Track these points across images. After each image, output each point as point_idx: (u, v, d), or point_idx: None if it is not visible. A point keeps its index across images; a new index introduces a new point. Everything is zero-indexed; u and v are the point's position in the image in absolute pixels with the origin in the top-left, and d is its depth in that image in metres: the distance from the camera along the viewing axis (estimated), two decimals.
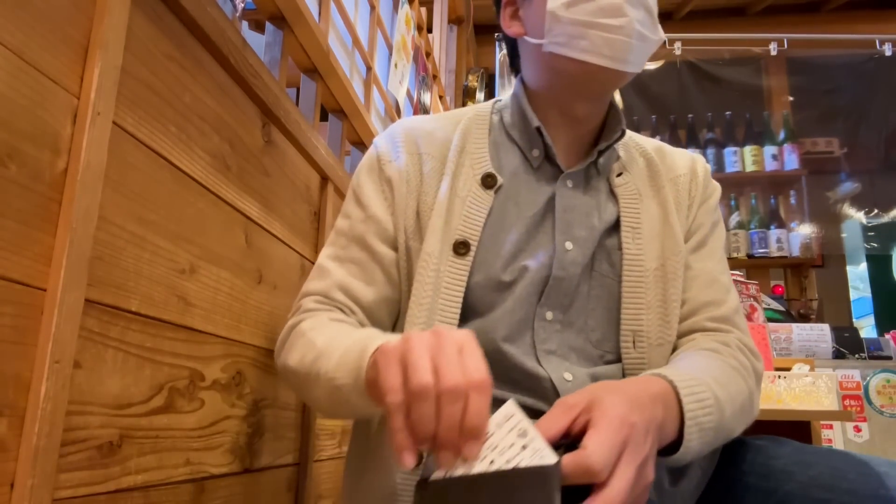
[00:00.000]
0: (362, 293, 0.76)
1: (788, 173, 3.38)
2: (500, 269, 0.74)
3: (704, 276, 0.79)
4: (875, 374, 2.45)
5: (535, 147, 0.80)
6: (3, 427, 0.54)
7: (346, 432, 1.47)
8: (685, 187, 0.84)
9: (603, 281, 0.76)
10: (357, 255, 0.78)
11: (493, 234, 0.75)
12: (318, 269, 0.80)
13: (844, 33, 3.44)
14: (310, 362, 0.67)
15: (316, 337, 0.69)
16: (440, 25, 3.20)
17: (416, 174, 0.78)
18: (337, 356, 0.63)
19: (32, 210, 0.58)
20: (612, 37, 0.70)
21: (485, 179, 0.77)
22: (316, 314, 0.74)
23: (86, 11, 0.65)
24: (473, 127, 0.82)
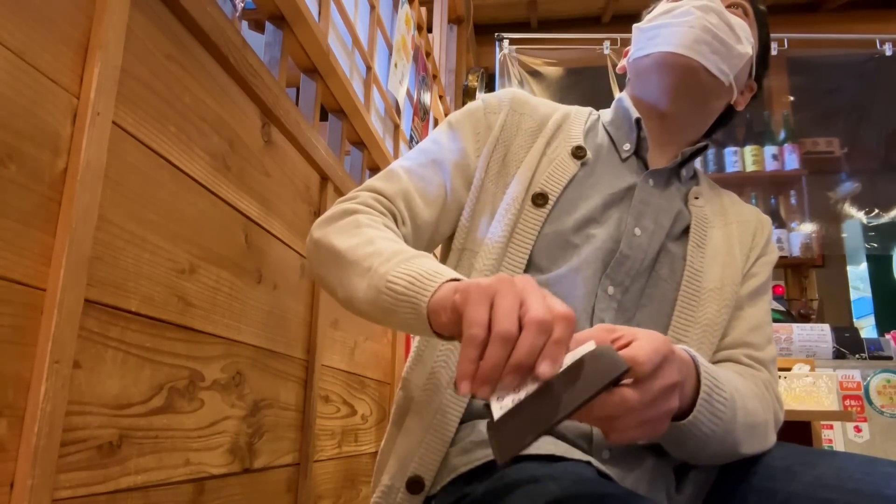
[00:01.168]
0: (420, 210, 0.79)
1: (789, 173, 3.38)
2: (571, 229, 0.77)
3: (752, 319, 0.82)
4: (875, 374, 2.45)
5: (627, 140, 0.85)
6: (3, 427, 0.54)
7: (347, 432, 1.47)
8: (750, 232, 0.88)
9: (659, 284, 0.79)
10: (431, 175, 0.80)
11: (571, 197, 0.79)
12: (389, 172, 0.81)
13: (844, 33, 3.44)
14: (365, 254, 0.66)
15: (375, 235, 0.69)
16: (440, 25, 3.20)
17: (514, 127, 0.84)
18: (402, 264, 0.62)
19: (32, 210, 0.58)
20: (679, 29, 0.80)
21: (575, 151, 0.82)
22: (373, 214, 0.74)
23: (86, 11, 0.65)
24: (573, 114, 0.89)
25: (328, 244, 0.72)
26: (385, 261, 0.64)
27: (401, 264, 0.62)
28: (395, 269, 0.62)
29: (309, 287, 1.25)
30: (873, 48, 3.22)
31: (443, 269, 0.61)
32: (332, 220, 0.74)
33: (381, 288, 0.62)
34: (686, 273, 0.79)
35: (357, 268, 0.66)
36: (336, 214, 0.75)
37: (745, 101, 0.91)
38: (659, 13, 0.85)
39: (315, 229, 0.75)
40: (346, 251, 0.69)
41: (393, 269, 0.62)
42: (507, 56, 3.35)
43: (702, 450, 0.66)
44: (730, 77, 0.81)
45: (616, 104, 0.90)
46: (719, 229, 0.85)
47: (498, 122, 0.83)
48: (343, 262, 0.69)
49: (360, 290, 0.65)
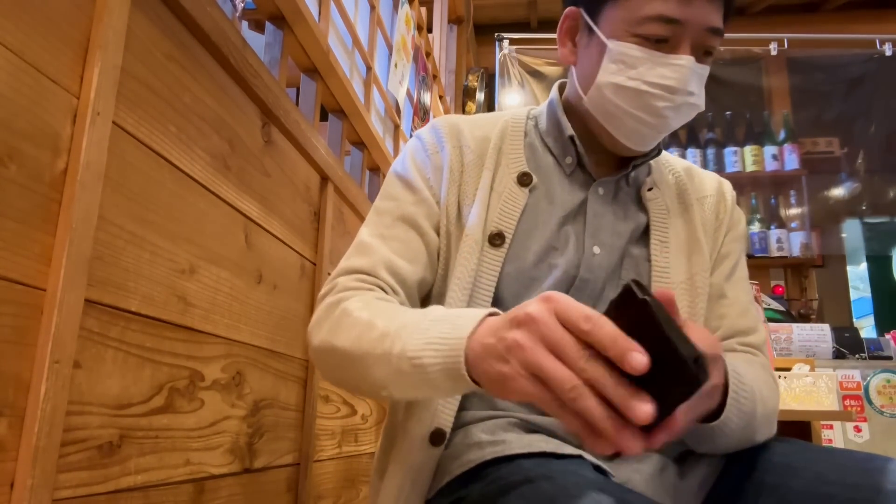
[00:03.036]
0: (407, 272, 0.75)
1: (788, 173, 3.38)
2: (532, 264, 0.76)
3: (738, 305, 0.82)
4: (875, 374, 2.45)
5: (567, 154, 0.82)
6: (3, 427, 0.54)
7: (346, 432, 1.47)
8: (712, 209, 0.86)
9: None
10: (404, 234, 0.77)
11: (526, 229, 0.77)
12: (360, 245, 0.77)
13: (844, 33, 3.44)
14: (372, 342, 0.62)
15: (372, 316, 0.64)
16: (440, 25, 3.20)
17: (458, 164, 0.80)
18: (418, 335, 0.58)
19: (32, 210, 0.58)
20: (643, 129, 0.75)
21: (521, 178, 0.79)
22: (359, 293, 0.71)
23: (86, 11, 0.65)
24: (510, 129, 0.84)
25: (330, 347, 0.67)
26: (396, 338, 0.59)
27: (414, 335, 0.58)
28: (412, 344, 0.57)
29: (309, 287, 1.25)
30: (873, 48, 3.22)
31: (452, 317, 0.57)
32: (322, 322, 0.70)
33: (405, 369, 0.58)
34: (653, 273, 0.78)
35: (370, 359, 0.62)
36: (323, 314, 0.71)
37: None
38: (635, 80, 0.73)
39: (312, 337, 0.71)
40: (349, 348, 0.64)
41: (410, 345, 0.57)
42: (507, 56, 3.36)
43: (723, 444, 0.68)
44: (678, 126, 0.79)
45: (548, 110, 0.84)
46: (679, 216, 0.83)
47: (444, 161, 0.80)
48: (353, 359, 0.64)
49: (385, 378, 0.61)
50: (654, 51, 0.72)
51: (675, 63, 0.71)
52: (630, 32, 0.72)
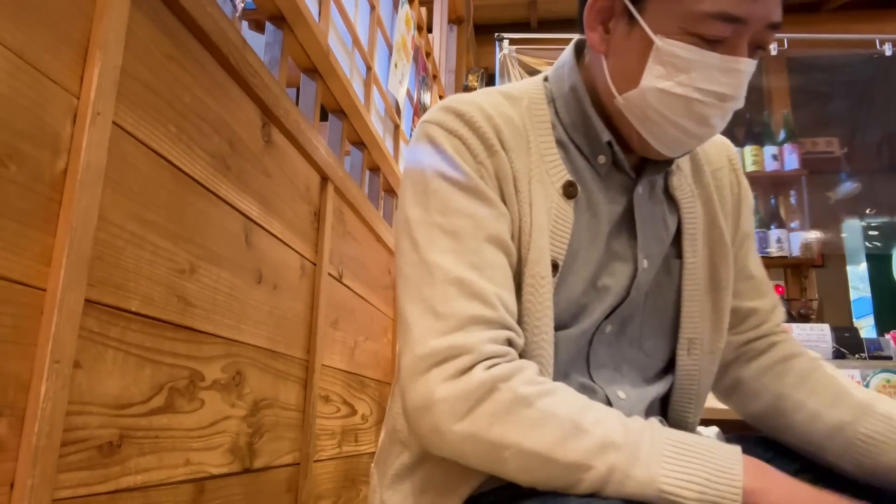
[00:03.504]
0: (513, 307, 0.63)
1: (788, 173, 3.37)
2: (581, 292, 0.68)
3: (764, 282, 0.82)
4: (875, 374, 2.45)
5: (600, 153, 0.71)
6: (3, 427, 0.54)
7: (347, 432, 1.47)
8: (727, 185, 0.80)
9: (659, 290, 0.73)
10: (496, 260, 0.63)
11: (574, 250, 0.68)
12: (459, 283, 0.60)
13: (844, 33, 3.44)
14: (587, 452, 0.54)
15: (570, 412, 0.56)
16: (440, 25, 3.20)
17: (509, 171, 0.67)
18: (670, 465, 0.53)
19: (32, 210, 0.58)
20: (684, 138, 0.66)
21: (566, 189, 0.68)
22: (507, 366, 0.58)
23: (86, 11, 0.65)
24: (537, 122, 0.71)
25: (500, 444, 0.55)
26: (631, 458, 0.53)
27: (658, 463, 0.53)
28: (666, 476, 0.52)
29: (309, 287, 1.25)
30: (873, 48, 3.22)
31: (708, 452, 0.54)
32: (473, 403, 0.56)
33: (651, 498, 0.52)
34: (685, 272, 0.74)
35: (587, 472, 0.54)
36: (471, 392, 0.56)
37: None
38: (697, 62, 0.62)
39: (450, 418, 0.56)
40: (548, 453, 0.54)
41: (661, 476, 0.52)
42: (507, 56, 3.35)
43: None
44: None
45: (572, 99, 0.71)
46: (700, 199, 0.76)
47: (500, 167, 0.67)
48: (554, 467, 0.55)
49: (603, 494, 0.54)
50: (710, 52, 0.62)
51: (734, 68, 0.62)
52: (684, 30, 0.61)
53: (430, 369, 0.58)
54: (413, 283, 0.62)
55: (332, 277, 1.38)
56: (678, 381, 0.75)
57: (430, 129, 0.67)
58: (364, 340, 1.63)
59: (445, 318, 0.59)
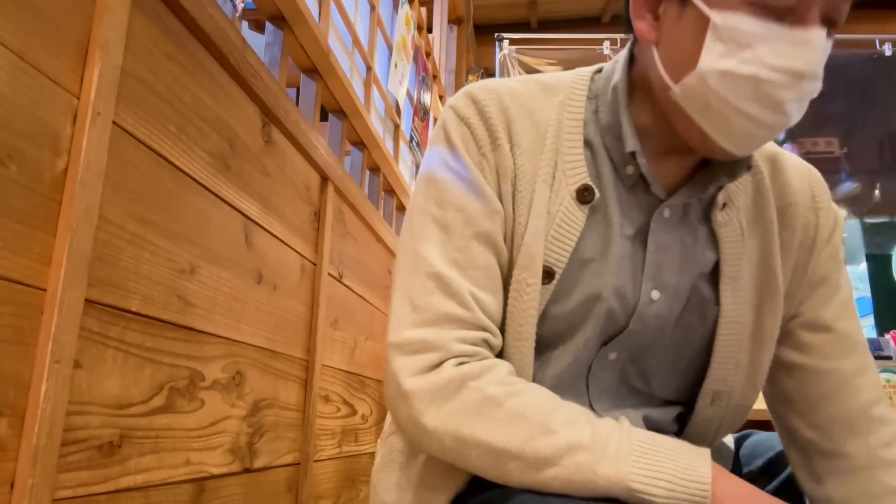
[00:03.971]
0: (494, 308, 0.61)
1: None
2: (578, 305, 0.63)
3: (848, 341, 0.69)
4: None
5: (628, 164, 0.64)
6: (3, 427, 0.54)
7: (347, 432, 1.47)
8: (799, 222, 0.69)
9: (687, 332, 0.66)
10: (483, 260, 0.61)
11: (578, 261, 0.63)
12: (437, 278, 0.60)
13: (844, 33, 3.44)
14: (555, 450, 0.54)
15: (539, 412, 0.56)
16: (440, 25, 3.21)
17: (512, 168, 0.64)
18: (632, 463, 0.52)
19: (32, 210, 0.58)
20: (753, 129, 0.57)
21: (580, 193, 0.63)
22: (476, 365, 0.58)
23: (86, 11, 0.65)
24: (567, 118, 0.66)
25: (471, 440, 0.56)
26: (599, 456, 0.53)
27: (631, 463, 0.52)
28: (635, 474, 0.52)
29: (309, 287, 1.25)
30: (873, 48, 3.22)
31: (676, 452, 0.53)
32: (443, 398, 0.57)
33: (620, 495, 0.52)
34: (722, 320, 0.65)
35: (552, 468, 0.53)
36: (441, 388, 0.57)
37: None
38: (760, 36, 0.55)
39: (422, 408, 0.57)
40: (517, 450, 0.54)
41: (631, 474, 0.52)
42: (507, 56, 3.35)
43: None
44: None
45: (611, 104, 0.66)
46: (754, 238, 0.67)
47: (501, 163, 0.64)
48: (521, 462, 0.55)
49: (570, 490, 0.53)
50: (777, 24, 0.54)
51: (806, 39, 0.54)
52: (745, 1, 0.54)
53: (401, 358, 0.59)
54: (401, 270, 0.63)
55: (332, 277, 1.38)
56: (692, 426, 0.69)
57: (446, 113, 0.66)
58: (364, 340, 1.63)
59: (420, 311, 0.59)
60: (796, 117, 0.57)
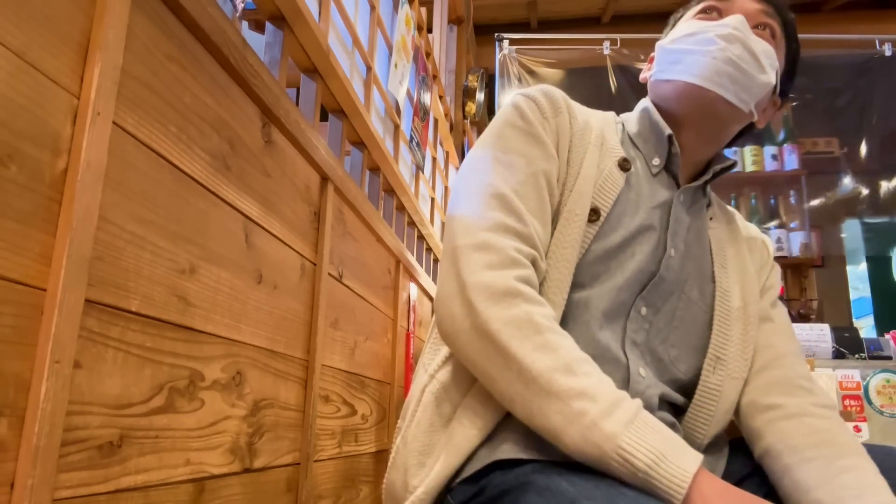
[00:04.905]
0: (543, 237, 0.73)
1: (788, 173, 3.38)
2: (617, 246, 0.76)
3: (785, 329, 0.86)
4: (875, 374, 2.45)
5: (656, 155, 0.84)
6: (3, 427, 0.54)
7: (347, 432, 1.47)
8: (758, 249, 0.91)
9: (690, 306, 0.80)
10: (537, 194, 0.74)
11: (618, 212, 0.78)
12: (499, 197, 0.72)
13: (844, 33, 3.44)
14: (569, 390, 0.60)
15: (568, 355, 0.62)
16: (440, 25, 3.21)
17: (569, 132, 0.80)
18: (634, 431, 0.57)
19: (32, 210, 0.58)
20: (702, 59, 0.78)
21: (622, 162, 0.81)
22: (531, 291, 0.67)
23: (86, 11, 0.65)
24: (605, 122, 0.86)
25: (504, 346, 0.63)
26: (606, 413, 0.58)
27: (631, 429, 0.57)
28: (629, 437, 0.57)
29: (309, 287, 1.25)
30: (873, 48, 3.22)
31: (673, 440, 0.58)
32: (497, 299, 0.65)
33: (607, 451, 0.57)
34: (718, 293, 0.81)
35: (557, 404, 0.60)
36: (499, 291, 0.65)
37: (768, 117, 0.89)
38: (683, 34, 0.83)
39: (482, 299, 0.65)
40: (537, 373, 0.61)
41: (626, 435, 0.57)
42: (507, 56, 3.35)
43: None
44: (750, 105, 0.80)
45: (641, 115, 0.87)
46: (733, 248, 0.87)
47: (560, 126, 0.79)
48: (533, 386, 0.61)
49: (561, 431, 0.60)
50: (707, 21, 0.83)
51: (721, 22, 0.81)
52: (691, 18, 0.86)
53: (464, 256, 0.68)
54: (465, 195, 0.74)
55: (332, 277, 1.38)
56: (698, 396, 0.77)
57: (516, 96, 0.81)
58: (364, 340, 1.63)
59: (485, 220, 0.70)
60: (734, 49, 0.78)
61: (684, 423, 0.77)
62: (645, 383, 0.73)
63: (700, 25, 0.82)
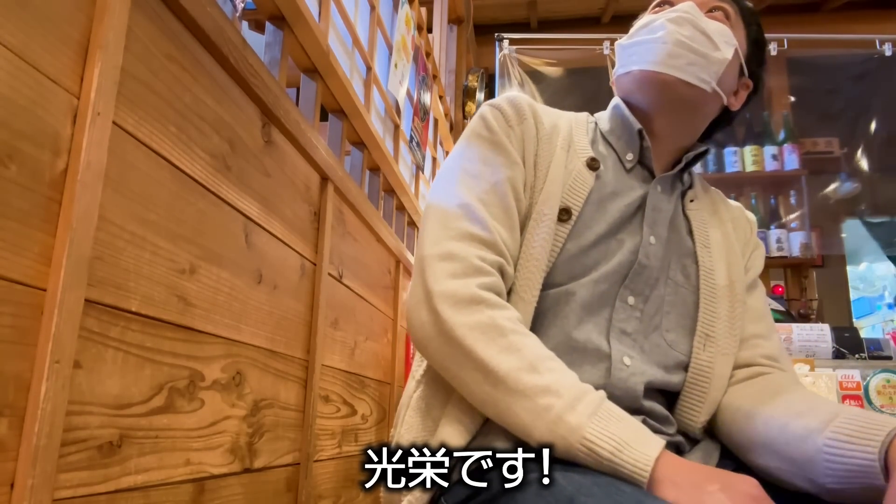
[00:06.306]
0: (511, 244, 0.75)
1: (788, 173, 3.37)
2: (592, 243, 0.78)
3: (755, 311, 0.87)
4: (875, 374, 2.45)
5: (629, 151, 0.86)
6: (3, 427, 0.54)
7: (347, 432, 1.47)
8: (742, 228, 0.93)
9: (677, 290, 0.82)
10: (503, 202, 0.76)
11: (591, 210, 0.80)
12: (465, 207, 0.74)
13: (844, 33, 3.44)
14: (534, 389, 0.62)
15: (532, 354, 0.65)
16: (440, 25, 3.20)
17: (535, 137, 0.82)
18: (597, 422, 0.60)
19: (32, 210, 0.58)
20: (654, 45, 0.81)
21: (589, 162, 0.82)
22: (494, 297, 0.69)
23: (86, 11, 0.65)
24: (575, 124, 0.88)
25: (470, 350, 0.66)
26: (568, 407, 0.61)
27: (594, 420, 0.60)
28: (593, 428, 0.59)
29: (309, 287, 1.25)
30: (873, 48, 3.22)
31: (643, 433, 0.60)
32: (462, 306, 0.68)
33: (573, 442, 0.59)
34: (701, 273, 0.83)
35: (524, 402, 0.62)
36: (463, 299, 0.68)
37: (742, 99, 0.90)
38: (637, 28, 0.87)
39: (447, 307, 0.68)
40: (502, 374, 0.64)
41: (589, 427, 0.59)
42: (507, 56, 3.35)
43: None
44: (711, 84, 0.81)
45: (613, 112, 0.89)
46: (717, 228, 0.88)
47: (525, 132, 0.81)
48: (500, 386, 0.64)
49: (529, 426, 0.62)
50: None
51: (671, 9, 0.84)
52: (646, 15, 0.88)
53: (430, 266, 0.71)
54: (434, 205, 0.77)
55: (332, 277, 1.38)
56: (691, 375, 0.79)
57: (483, 107, 0.84)
58: (364, 340, 1.63)
59: (450, 230, 0.73)
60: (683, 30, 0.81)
61: (679, 406, 0.78)
62: (629, 371, 0.74)
63: (652, 17, 0.85)
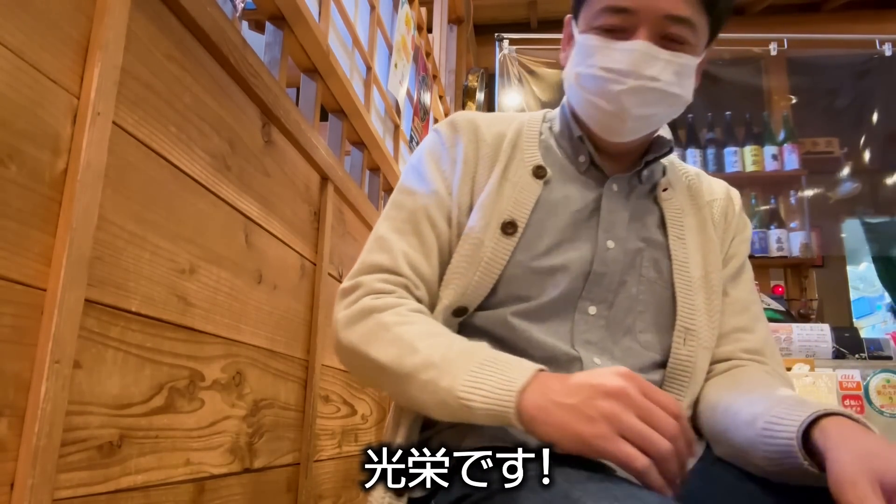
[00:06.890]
0: (424, 267, 0.77)
1: (788, 173, 3.37)
2: (543, 253, 0.77)
3: (738, 303, 0.84)
4: (875, 374, 2.45)
5: (580, 154, 0.83)
6: (3, 427, 0.54)
7: (347, 432, 1.47)
8: (721, 211, 0.89)
9: (651, 287, 0.80)
10: (419, 229, 0.78)
11: (539, 219, 0.78)
12: (380, 240, 0.78)
13: (844, 33, 3.44)
14: (415, 367, 0.65)
15: (413, 338, 0.68)
16: (440, 25, 3.20)
17: (474, 157, 0.82)
18: (467, 377, 0.62)
19: (32, 210, 0.58)
20: (605, 119, 0.77)
21: (536, 170, 0.81)
22: (388, 299, 0.73)
23: (86, 11, 0.65)
24: (525, 128, 0.86)
25: (364, 355, 0.70)
26: (443, 371, 0.63)
27: (462, 376, 0.62)
28: (462, 384, 0.61)
29: (309, 287, 1.25)
30: (873, 48, 3.22)
31: (503, 366, 0.62)
32: (354, 324, 0.72)
33: (454, 405, 0.62)
34: (674, 266, 0.80)
35: (413, 382, 0.65)
36: (355, 316, 0.72)
37: (699, 79, 0.84)
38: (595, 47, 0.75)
39: (340, 334, 0.73)
40: (390, 365, 0.67)
41: (459, 384, 0.61)
42: (507, 56, 3.35)
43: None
44: (676, 114, 0.79)
45: (560, 113, 0.86)
46: (693, 216, 0.85)
47: (459, 154, 0.82)
48: (392, 374, 0.67)
49: (426, 402, 0.65)
50: (608, 38, 0.74)
51: (625, 48, 0.73)
52: (591, 26, 0.76)
53: (339, 299, 0.76)
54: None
55: (332, 277, 1.38)
56: (671, 369, 0.77)
57: (429, 132, 0.86)
58: None
59: (361, 264, 0.77)
60: (642, 108, 0.75)
61: None
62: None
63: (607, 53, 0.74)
